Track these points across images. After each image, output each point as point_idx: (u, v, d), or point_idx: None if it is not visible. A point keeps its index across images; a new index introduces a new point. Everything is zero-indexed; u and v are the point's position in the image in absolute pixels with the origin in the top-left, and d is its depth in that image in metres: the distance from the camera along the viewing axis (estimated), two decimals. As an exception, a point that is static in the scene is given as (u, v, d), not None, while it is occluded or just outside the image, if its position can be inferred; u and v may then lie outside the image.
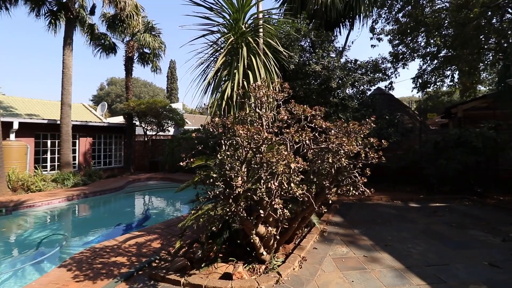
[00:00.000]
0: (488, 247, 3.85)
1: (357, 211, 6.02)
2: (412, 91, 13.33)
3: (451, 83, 12.22)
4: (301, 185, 2.89)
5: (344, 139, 3.09)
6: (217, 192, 2.89)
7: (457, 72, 11.60)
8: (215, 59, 4.40)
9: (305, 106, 3.04)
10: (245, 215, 3.04)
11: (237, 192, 2.81)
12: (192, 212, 3.30)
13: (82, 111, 15.71)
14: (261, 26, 3.91)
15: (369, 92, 7.76)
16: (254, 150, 2.66)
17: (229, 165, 2.80)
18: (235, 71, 3.52)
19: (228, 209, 2.95)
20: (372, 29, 11.81)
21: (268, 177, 2.98)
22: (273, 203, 2.88)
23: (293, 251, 3.87)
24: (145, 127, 14.64)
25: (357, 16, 8.01)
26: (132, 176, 12.61)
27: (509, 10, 8.72)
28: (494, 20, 8.83)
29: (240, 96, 3.08)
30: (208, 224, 3.06)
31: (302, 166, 2.72)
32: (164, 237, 4.64)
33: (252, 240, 3.23)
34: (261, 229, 3.38)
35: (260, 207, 3.06)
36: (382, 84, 10.57)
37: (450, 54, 10.48)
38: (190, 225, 3.79)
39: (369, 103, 6.88)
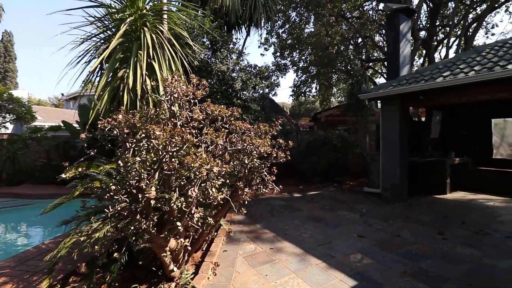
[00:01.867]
0: (353, 222, 5.00)
1: (254, 206, 6.40)
2: (289, 98, 15.73)
3: (315, 94, 15.36)
4: (222, 189, 2.75)
5: (258, 140, 3.18)
6: (119, 208, 2.29)
7: (319, 85, 14.68)
8: (101, 42, 3.50)
9: (222, 106, 2.90)
10: (155, 231, 2.59)
11: (148, 205, 2.33)
12: (82, 236, 2.47)
13: None
14: (166, 12, 3.41)
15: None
16: (171, 154, 2.28)
17: (137, 172, 2.28)
18: (135, 58, 2.88)
19: (133, 227, 2.41)
20: (266, 40, 13.09)
21: (182, 183, 2.66)
22: (192, 212, 2.59)
23: (204, 258, 3.65)
24: (-37, 122, 10.06)
25: (253, 24, 8.59)
26: None
27: (352, 42, 11.96)
28: (343, 48, 11.81)
29: (147, 90, 2.57)
30: (105, 249, 2.39)
31: (224, 169, 2.57)
32: (18, 278, 3.29)
33: (162, 258, 2.79)
34: (172, 242, 2.98)
35: (174, 218, 2.68)
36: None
37: (316, 70, 13.12)
38: (65, 254, 2.89)
39: (261, 106, 7.52)
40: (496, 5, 10.26)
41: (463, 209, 5.60)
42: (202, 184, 2.37)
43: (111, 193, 2.20)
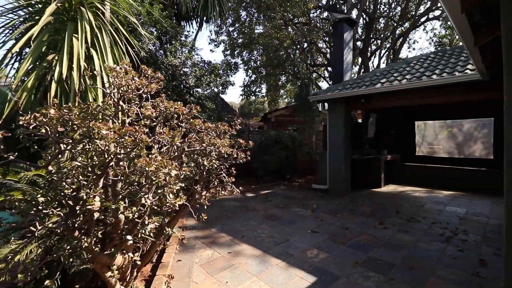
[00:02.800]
0: (306, 218, 5.19)
1: (208, 209, 6.11)
2: (238, 97, 15.63)
3: (264, 95, 15.71)
4: (179, 194, 2.49)
5: (218, 140, 3.01)
6: (50, 224, 1.86)
7: (268, 86, 15.04)
8: (21, 21, 2.82)
9: (178, 102, 2.64)
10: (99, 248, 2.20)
11: (90, 218, 1.95)
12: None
13: None
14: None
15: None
16: (120, 157, 1.95)
17: (73, 180, 1.88)
18: (69, 42, 2.36)
19: (69, 246, 1.99)
20: (217, 33, 12.69)
21: (133, 190, 2.32)
22: (146, 222, 2.28)
23: (155, 271, 3.30)
24: None
25: (204, 18, 8.21)
26: None
27: (298, 47, 12.59)
28: (290, 51, 12.31)
29: (85, 80, 2.15)
30: (31, 276, 1.91)
31: (183, 172, 2.33)
32: None
33: (107, 278, 2.39)
34: (118, 259, 2.59)
35: (122, 231, 2.32)
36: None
37: (266, 71, 13.39)
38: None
39: (215, 104, 7.26)
40: (417, 24, 12.18)
41: (396, 200, 6.36)
42: (159, 191, 2.09)
43: (39, 207, 1.77)
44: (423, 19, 11.99)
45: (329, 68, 13.59)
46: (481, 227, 4.52)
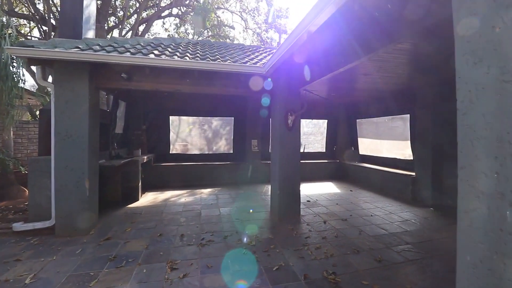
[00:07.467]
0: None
1: None
2: None
3: None
4: None
5: None
6: None
7: None
8: None
9: None
10: None
11: None
12: None
13: None
14: None
15: None
16: None
17: None
18: None
19: None
20: None
21: None
22: None
23: None
24: None
25: None
26: None
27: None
28: None
29: None
30: None
31: None
32: None
33: None
34: None
35: None
36: None
37: None
38: None
39: None
40: (161, 15, 11.60)
41: (168, 216, 4.87)
42: None
43: None
44: (165, 13, 11.64)
45: (45, 27, 8.84)
46: (262, 224, 4.36)
